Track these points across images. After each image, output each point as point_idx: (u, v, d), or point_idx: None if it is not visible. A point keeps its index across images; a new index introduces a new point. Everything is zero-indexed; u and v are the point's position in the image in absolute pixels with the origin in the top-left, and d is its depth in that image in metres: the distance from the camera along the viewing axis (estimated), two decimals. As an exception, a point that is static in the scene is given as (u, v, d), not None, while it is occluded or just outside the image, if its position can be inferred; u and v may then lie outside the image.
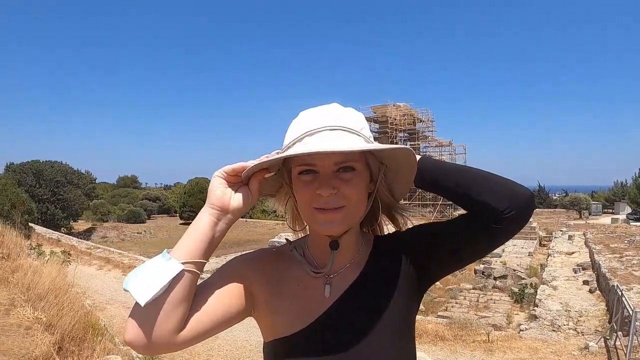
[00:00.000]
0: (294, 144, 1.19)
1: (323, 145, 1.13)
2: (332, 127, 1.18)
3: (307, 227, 1.41)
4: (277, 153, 1.24)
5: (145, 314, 1.09)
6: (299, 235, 1.47)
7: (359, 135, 1.21)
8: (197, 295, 1.19)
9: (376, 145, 1.20)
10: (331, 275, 1.32)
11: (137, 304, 1.08)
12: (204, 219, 1.21)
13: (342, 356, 1.23)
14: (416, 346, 1.39)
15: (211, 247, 1.20)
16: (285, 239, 1.46)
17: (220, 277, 1.28)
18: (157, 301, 1.09)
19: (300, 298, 1.31)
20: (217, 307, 1.22)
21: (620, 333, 9.18)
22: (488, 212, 1.21)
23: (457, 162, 31.50)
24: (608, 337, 9.35)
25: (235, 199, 1.24)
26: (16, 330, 5.08)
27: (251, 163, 1.22)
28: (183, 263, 1.12)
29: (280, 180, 1.34)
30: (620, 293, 10.11)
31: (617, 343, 8.95)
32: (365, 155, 1.24)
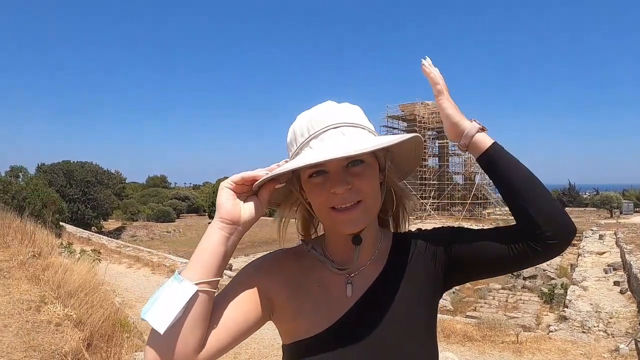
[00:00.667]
0: (301, 149, 1.19)
1: (334, 151, 1.11)
2: (335, 125, 1.18)
3: (321, 227, 1.39)
4: (286, 162, 1.24)
5: (163, 339, 1.06)
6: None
7: (363, 128, 1.22)
8: (214, 310, 1.16)
9: (389, 140, 1.17)
10: (352, 274, 1.30)
11: (154, 330, 1.06)
12: (215, 235, 1.17)
13: (365, 355, 1.21)
14: (444, 347, 1.40)
15: (224, 262, 1.17)
16: (302, 240, 1.41)
17: (235, 288, 1.26)
18: (174, 325, 1.06)
19: (322, 299, 1.28)
20: (235, 320, 1.19)
21: (652, 335, 9.03)
22: (538, 230, 1.21)
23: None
24: (639, 340, 9.19)
25: (246, 211, 1.21)
26: (46, 326, 5.16)
27: (261, 172, 1.20)
28: (197, 284, 1.09)
29: (291, 188, 1.30)
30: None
31: (649, 345, 8.80)
32: None
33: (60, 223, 24.38)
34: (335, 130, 1.17)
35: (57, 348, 4.72)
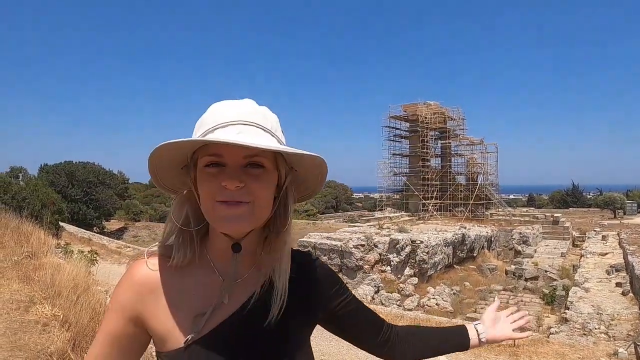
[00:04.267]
0: (204, 135, 1.12)
1: (240, 137, 1.08)
2: (245, 122, 1.13)
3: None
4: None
5: None
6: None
7: (273, 136, 1.17)
8: None
9: (294, 149, 1.13)
10: (230, 282, 1.22)
11: None
12: None
13: None
14: None
15: None
16: (157, 245, 1.29)
17: (105, 339, 1.20)
18: None
19: (192, 309, 1.19)
20: None
21: (652, 339, 8.93)
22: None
23: (488, 160, 31.29)
24: (639, 344, 9.10)
25: None
26: (34, 326, 5.11)
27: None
28: None
29: (186, 174, 1.21)
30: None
31: (648, 349, 8.71)
32: (275, 156, 1.17)
33: (61, 223, 24.45)
34: (245, 126, 1.13)
35: (43, 348, 4.67)
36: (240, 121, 1.12)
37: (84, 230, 27.53)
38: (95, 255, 13.21)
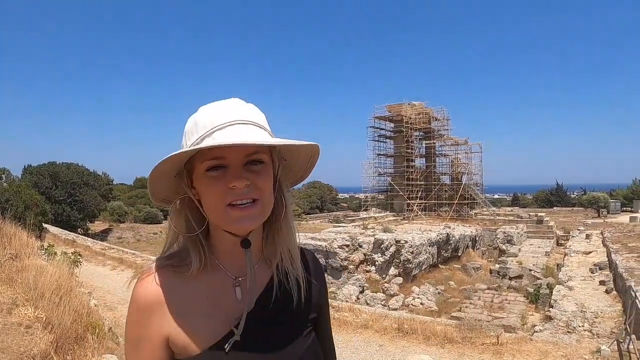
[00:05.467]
0: (202, 139, 1.12)
1: (245, 137, 1.09)
2: (242, 121, 1.14)
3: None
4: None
5: None
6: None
7: (265, 130, 1.18)
8: None
9: (297, 141, 1.15)
10: (240, 278, 1.23)
11: None
12: None
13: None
14: (423, 349, 1.43)
15: None
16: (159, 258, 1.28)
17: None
18: None
19: (210, 311, 1.20)
20: None
21: (633, 336, 8.99)
22: None
23: (473, 160, 31.48)
24: (621, 341, 9.17)
25: None
26: (16, 328, 5.08)
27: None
28: None
29: (178, 182, 1.21)
30: (634, 295, 9.92)
31: (631, 347, 8.77)
32: (270, 150, 1.20)
33: (45, 225, 24.27)
34: (242, 125, 1.13)
35: (26, 350, 4.65)
36: (237, 121, 1.13)
37: (67, 232, 27.35)
38: (78, 257, 13.14)
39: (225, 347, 1.14)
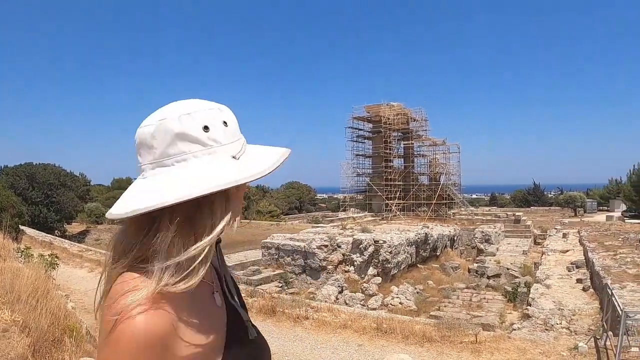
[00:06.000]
0: (242, 151, 1.14)
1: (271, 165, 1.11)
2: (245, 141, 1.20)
3: None
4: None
5: None
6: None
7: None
8: None
9: (280, 161, 1.13)
10: (212, 282, 1.20)
11: None
12: None
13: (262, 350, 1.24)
14: (402, 348, 1.40)
15: None
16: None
17: None
18: None
19: (209, 320, 1.12)
20: None
21: (610, 333, 9.09)
22: None
23: (451, 161, 31.57)
24: (599, 337, 9.27)
25: None
26: (-7, 332, 5.01)
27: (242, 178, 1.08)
28: None
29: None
30: (610, 292, 10.03)
31: (608, 343, 8.87)
32: None
33: (21, 227, 23.95)
34: (254, 146, 1.19)
35: (3, 354, 4.58)
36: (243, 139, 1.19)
37: (44, 234, 27.00)
38: (55, 259, 12.99)
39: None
